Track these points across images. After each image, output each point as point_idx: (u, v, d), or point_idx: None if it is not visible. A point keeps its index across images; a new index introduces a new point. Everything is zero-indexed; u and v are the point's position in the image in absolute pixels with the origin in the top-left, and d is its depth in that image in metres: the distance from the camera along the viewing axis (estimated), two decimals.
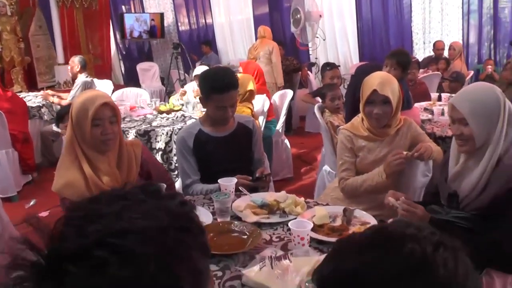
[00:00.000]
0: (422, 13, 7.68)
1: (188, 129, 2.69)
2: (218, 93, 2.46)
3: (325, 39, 7.90)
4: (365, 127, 2.53)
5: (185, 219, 0.69)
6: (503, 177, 1.83)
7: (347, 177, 2.53)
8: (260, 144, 2.81)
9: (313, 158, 5.83)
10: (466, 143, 1.92)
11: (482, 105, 1.88)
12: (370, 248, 0.73)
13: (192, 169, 2.61)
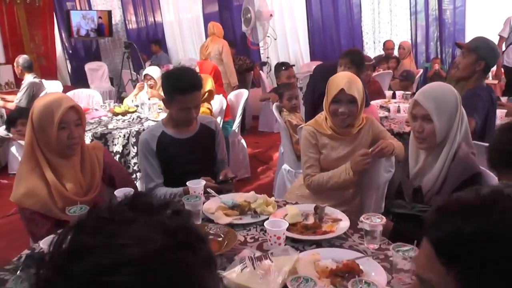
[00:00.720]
0: (372, 13, 7.95)
1: (150, 131, 2.65)
2: (182, 94, 2.45)
3: (276, 39, 7.99)
4: (328, 125, 2.57)
5: (182, 233, 0.63)
6: (458, 170, 1.97)
7: (312, 173, 2.57)
8: (222, 145, 2.82)
9: (269, 157, 5.90)
10: (425, 140, 2.03)
11: (445, 103, 2.00)
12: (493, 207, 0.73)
13: (156, 172, 2.58)
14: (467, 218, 0.73)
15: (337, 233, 1.85)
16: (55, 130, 2.04)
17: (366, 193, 2.67)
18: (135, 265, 0.56)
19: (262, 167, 5.56)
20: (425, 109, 2.00)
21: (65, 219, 2.03)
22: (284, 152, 4.08)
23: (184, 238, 0.62)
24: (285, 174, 3.99)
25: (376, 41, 8.00)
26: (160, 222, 0.62)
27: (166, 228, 0.61)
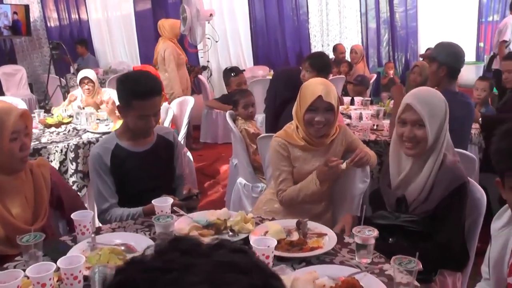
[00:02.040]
0: (319, 15, 8.20)
1: (103, 144, 2.58)
2: (140, 100, 2.39)
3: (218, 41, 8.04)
4: (301, 136, 2.61)
5: (256, 271, 0.62)
6: (446, 179, 2.12)
7: (285, 188, 2.61)
8: (181, 157, 2.81)
9: (215, 170, 5.90)
10: (416, 145, 2.16)
11: (438, 109, 2.16)
12: None
13: (110, 191, 2.53)
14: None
15: (325, 249, 1.92)
16: (7, 141, 1.99)
17: (340, 206, 2.78)
18: None
19: (209, 181, 5.54)
20: (418, 113, 2.13)
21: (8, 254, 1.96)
22: (239, 164, 4.10)
23: (263, 277, 0.61)
24: (240, 188, 4.02)
25: (325, 45, 8.26)
26: (227, 262, 0.61)
27: (237, 267, 0.60)
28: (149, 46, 8.57)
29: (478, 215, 2.25)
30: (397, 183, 2.26)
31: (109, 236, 2.13)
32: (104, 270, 1.61)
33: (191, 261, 0.60)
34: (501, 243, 1.71)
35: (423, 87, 2.46)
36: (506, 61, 4.48)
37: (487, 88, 4.50)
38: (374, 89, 7.20)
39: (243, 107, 4.04)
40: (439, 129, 2.15)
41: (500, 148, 1.49)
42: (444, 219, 2.10)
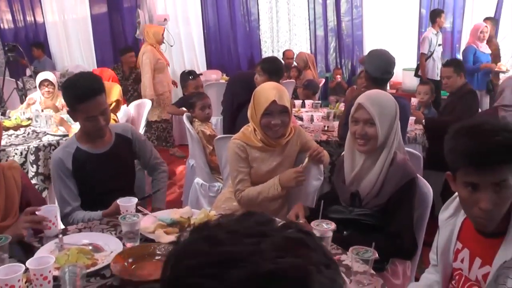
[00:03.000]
0: (270, 22, 8.27)
1: (64, 148, 2.54)
2: (83, 102, 2.36)
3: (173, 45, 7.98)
4: (258, 138, 2.65)
5: (321, 250, 0.62)
6: (397, 175, 2.22)
7: (243, 188, 2.64)
8: (146, 149, 2.78)
9: (171, 172, 5.87)
10: (368, 142, 2.25)
11: (387, 109, 2.26)
12: None
13: (72, 194, 2.49)
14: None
15: None
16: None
17: (295, 202, 2.79)
18: (291, 279, 0.54)
19: None
20: (369, 113, 2.22)
21: None
22: (196, 165, 4.11)
23: (326, 257, 0.62)
24: (198, 188, 4.03)
25: (275, 50, 8.35)
26: (297, 238, 0.61)
27: (305, 243, 0.61)
28: (106, 50, 8.43)
29: (425, 208, 2.37)
30: (351, 179, 2.33)
31: (76, 237, 2.11)
32: (74, 269, 1.60)
33: (266, 231, 0.60)
34: (447, 232, 1.80)
35: (375, 90, 2.57)
36: (445, 68, 4.67)
37: (428, 91, 4.69)
38: (322, 93, 7.34)
39: (200, 108, 4.05)
40: (389, 128, 2.25)
41: (453, 147, 1.56)
42: (394, 212, 2.20)
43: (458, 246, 1.76)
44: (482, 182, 1.48)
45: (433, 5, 8.12)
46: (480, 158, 1.46)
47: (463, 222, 1.75)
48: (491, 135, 1.47)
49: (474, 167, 1.48)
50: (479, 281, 1.65)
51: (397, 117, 2.29)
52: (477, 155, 1.46)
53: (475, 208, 1.53)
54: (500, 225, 1.57)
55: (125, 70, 6.93)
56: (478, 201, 1.50)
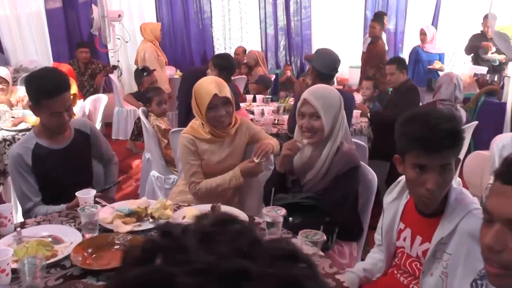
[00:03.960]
0: (222, 20, 8.27)
1: (22, 144, 2.47)
2: (49, 98, 2.29)
3: (128, 41, 7.85)
4: (207, 130, 2.65)
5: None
6: (341, 162, 2.30)
7: (197, 180, 2.64)
8: (102, 144, 2.77)
9: (128, 166, 5.81)
10: (315, 135, 2.32)
11: (331, 102, 2.33)
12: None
13: (33, 190, 2.43)
14: None
15: None
16: None
17: (246, 191, 2.88)
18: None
19: (122, 176, 5.43)
20: (314, 107, 2.29)
21: None
22: (151, 158, 4.10)
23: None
24: (154, 180, 4.02)
25: (228, 47, 8.36)
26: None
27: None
28: (61, 45, 8.18)
29: (370, 194, 2.47)
30: (298, 168, 2.40)
31: (35, 229, 2.08)
32: (34, 261, 1.57)
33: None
34: (391, 214, 1.90)
35: (320, 85, 2.62)
36: (388, 65, 4.82)
37: (371, 87, 4.83)
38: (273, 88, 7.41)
39: (157, 104, 4.03)
40: (334, 120, 2.33)
41: (405, 132, 1.66)
42: (336, 195, 2.28)
43: (401, 226, 1.86)
44: (430, 164, 1.60)
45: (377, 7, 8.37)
46: (430, 143, 1.57)
47: (406, 205, 1.86)
48: (440, 123, 1.59)
49: (424, 151, 1.59)
50: (419, 257, 1.76)
51: (342, 109, 2.37)
52: (427, 140, 1.57)
53: (421, 188, 1.63)
54: (439, 206, 1.68)
55: (80, 65, 6.78)
56: (424, 182, 1.61)
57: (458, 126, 1.64)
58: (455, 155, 1.63)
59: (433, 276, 1.68)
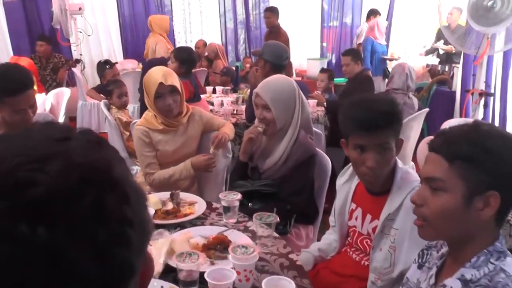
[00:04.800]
0: (183, 13, 8.17)
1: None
2: (13, 96, 2.16)
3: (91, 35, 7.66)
4: (159, 121, 2.61)
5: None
6: (299, 151, 2.31)
7: (152, 171, 2.60)
8: None
9: None
10: (268, 127, 2.32)
11: (281, 94, 2.32)
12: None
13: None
14: (465, 136, 1.15)
15: (197, 214, 2.00)
16: None
17: (205, 179, 2.86)
18: (98, 168, 0.55)
19: None
20: (264, 99, 2.29)
21: None
22: None
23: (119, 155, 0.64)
24: None
25: (188, 41, 8.27)
26: (97, 141, 0.61)
27: (105, 144, 0.61)
28: (21, 39, 7.91)
29: (325, 178, 2.49)
30: (256, 156, 2.40)
31: None
32: None
33: (70, 136, 0.58)
34: (343, 195, 1.94)
35: (275, 75, 2.62)
36: (344, 56, 4.88)
37: (325, 78, 4.90)
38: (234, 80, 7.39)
39: (118, 96, 3.95)
40: (286, 112, 2.33)
41: (347, 116, 1.72)
42: (295, 183, 2.30)
43: (352, 207, 1.90)
44: (368, 144, 1.65)
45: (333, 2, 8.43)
46: (367, 123, 1.63)
47: (357, 186, 1.90)
48: (377, 105, 1.67)
49: (362, 131, 1.65)
50: (369, 234, 1.80)
51: (297, 99, 2.36)
52: (365, 121, 1.63)
53: (362, 167, 1.69)
54: (386, 185, 1.73)
55: (42, 59, 6.57)
56: (365, 161, 1.67)
57: (394, 108, 1.70)
58: (393, 135, 1.68)
59: (382, 251, 1.71)
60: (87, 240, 0.49)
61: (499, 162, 1.10)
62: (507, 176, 1.10)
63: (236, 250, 1.47)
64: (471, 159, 1.11)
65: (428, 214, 1.19)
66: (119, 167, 0.58)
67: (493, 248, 1.13)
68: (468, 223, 1.14)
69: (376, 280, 1.74)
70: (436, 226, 1.19)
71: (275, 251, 1.70)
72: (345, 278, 1.88)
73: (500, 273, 1.09)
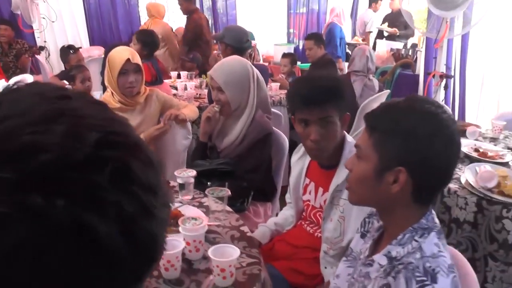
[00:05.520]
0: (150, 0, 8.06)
1: None
2: None
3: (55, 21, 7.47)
4: (116, 99, 2.63)
5: None
6: (256, 130, 2.35)
7: None
8: None
9: None
10: (223, 108, 2.35)
11: (235, 76, 2.34)
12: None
13: None
14: (387, 110, 1.18)
15: None
16: None
17: (166, 161, 2.85)
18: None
19: None
20: (217, 82, 2.31)
21: None
22: None
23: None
24: None
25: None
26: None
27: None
28: None
29: (282, 156, 2.54)
30: (215, 135, 2.42)
31: None
32: None
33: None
34: (298, 171, 1.98)
35: (230, 57, 2.66)
36: (307, 41, 4.92)
37: (288, 63, 4.96)
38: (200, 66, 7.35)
39: (81, 81, 3.89)
40: (240, 93, 2.35)
41: (291, 92, 1.80)
42: (251, 161, 2.33)
43: (306, 182, 1.95)
44: (311, 118, 1.70)
45: None
46: (309, 98, 1.68)
47: (310, 161, 1.95)
48: (318, 82, 1.73)
49: (305, 106, 1.69)
50: (322, 207, 1.85)
51: (252, 80, 2.38)
52: (306, 96, 1.68)
53: (308, 140, 1.74)
54: (336, 158, 1.78)
55: (4, 46, 6.38)
56: (309, 134, 1.72)
57: (336, 84, 1.75)
58: (335, 109, 1.72)
59: (332, 221, 1.76)
60: (112, 212, 0.42)
61: (410, 139, 1.09)
62: (416, 153, 1.09)
63: (186, 222, 1.49)
64: (386, 133, 1.13)
65: (350, 178, 1.25)
66: (132, 129, 0.51)
67: (418, 225, 1.12)
68: (380, 194, 1.15)
69: (328, 249, 1.79)
70: (355, 191, 1.24)
71: (227, 224, 1.73)
72: (299, 249, 1.93)
73: (416, 253, 1.08)
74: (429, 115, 1.11)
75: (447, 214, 2.32)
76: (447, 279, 1.01)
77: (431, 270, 1.02)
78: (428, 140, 1.08)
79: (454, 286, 1.02)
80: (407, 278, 1.04)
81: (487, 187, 2.18)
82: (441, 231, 1.15)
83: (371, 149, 1.15)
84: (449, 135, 1.10)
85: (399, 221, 1.16)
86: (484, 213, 2.15)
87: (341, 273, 1.42)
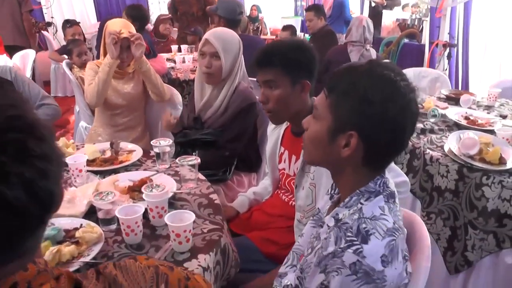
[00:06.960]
0: None
1: None
2: None
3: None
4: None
5: None
6: (239, 99, 2.33)
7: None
8: (32, 90, 2.70)
9: (65, 121, 5.69)
10: (213, 75, 2.32)
11: (231, 45, 2.32)
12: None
13: None
14: (346, 72, 1.15)
15: (132, 161, 2.03)
16: None
17: (155, 130, 2.95)
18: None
19: (59, 131, 5.34)
20: (214, 47, 2.27)
21: None
22: (80, 109, 4.01)
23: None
24: (82, 130, 3.94)
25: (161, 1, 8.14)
26: None
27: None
28: None
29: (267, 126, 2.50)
30: (200, 107, 2.41)
31: None
32: None
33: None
34: (273, 140, 1.98)
35: (220, 27, 2.63)
36: (307, 12, 4.83)
37: (288, 35, 4.89)
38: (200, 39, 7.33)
39: (77, 55, 3.90)
40: (232, 61, 2.33)
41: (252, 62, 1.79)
42: (233, 130, 2.32)
43: (281, 150, 1.94)
44: (260, 80, 1.76)
45: None
46: (256, 60, 1.74)
47: (285, 130, 1.93)
48: (270, 46, 1.80)
49: (257, 68, 1.76)
50: (296, 174, 1.82)
51: (241, 53, 2.36)
52: (255, 58, 1.75)
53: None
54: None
55: None
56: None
57: (291, 50, 1.72)
58: (284, 75, 1.71)
59: (304, 189, 1.74)
60: (16, 180, 0.58)
61: (364, 103, 1.06)
62: (369, 118, 1.07)
63: (149, 188, 1.50)
64: (342, 94, 1.10)
65: (304, 137, 1.23)
66: (29, 108, 0.64)
67: (365, 188, 1.12)
68: (332, 156, 1.14)
69: (301, 218, 1.78)
70: (308, 150, 1.23)
71: (197, 192, 1.73)
72: (274, 218, 1.93)
73: (355, 214, 1.08)
74: (386, 81, 1.08)
75: (429, 183, 2.30)
76: (380, 242, 1.00)
77: (365, 231, 1.01)
78: (382, 106, 1.05)
79: (389, 249, 1.00)
80: (337, 237, 1.03)
81: (468, 154, 2.15)
82: (393, 195, 1.13)
83: (327, 110, 1.13)
84: (404, 103, 1.07)
85: (349, 184, 1.15)
86: (465, 180, 2.12)
87: (306, 232, 1.41)
